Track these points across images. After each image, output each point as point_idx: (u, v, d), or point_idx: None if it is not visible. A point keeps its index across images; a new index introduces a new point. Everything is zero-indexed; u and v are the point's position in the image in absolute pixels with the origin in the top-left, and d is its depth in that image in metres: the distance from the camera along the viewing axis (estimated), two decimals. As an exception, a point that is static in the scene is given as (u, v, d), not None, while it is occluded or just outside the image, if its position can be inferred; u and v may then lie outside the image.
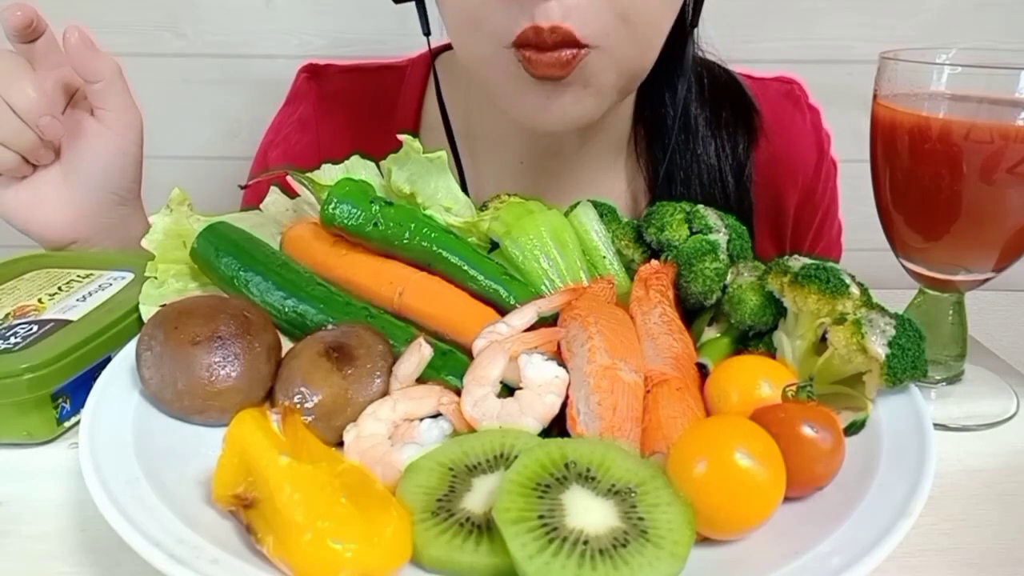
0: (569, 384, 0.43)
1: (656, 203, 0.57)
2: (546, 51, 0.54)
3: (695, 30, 0.69)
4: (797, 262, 0.48)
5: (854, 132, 0.73)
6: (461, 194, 0.59)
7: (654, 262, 0.54)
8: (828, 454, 0.39)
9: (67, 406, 0.50)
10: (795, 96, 0.82)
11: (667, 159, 0.73)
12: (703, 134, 0.74)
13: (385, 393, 0.46)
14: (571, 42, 0.54)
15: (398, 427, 0.44)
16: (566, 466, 0.37)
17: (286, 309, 0.51)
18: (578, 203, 0.59)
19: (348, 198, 0.54)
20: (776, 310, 0.49)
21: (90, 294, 0.56)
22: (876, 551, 0.34)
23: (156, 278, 0.56)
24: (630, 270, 0.57)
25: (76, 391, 0.50)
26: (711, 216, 0.55)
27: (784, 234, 0.82)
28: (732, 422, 0.39)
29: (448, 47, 0.79)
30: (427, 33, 0.68)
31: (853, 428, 0.44)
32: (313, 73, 0.84)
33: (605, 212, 0.58)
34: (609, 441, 0.40)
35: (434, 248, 0.53)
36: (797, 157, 0.80)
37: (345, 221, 0.54)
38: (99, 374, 0.47)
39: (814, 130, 0.82)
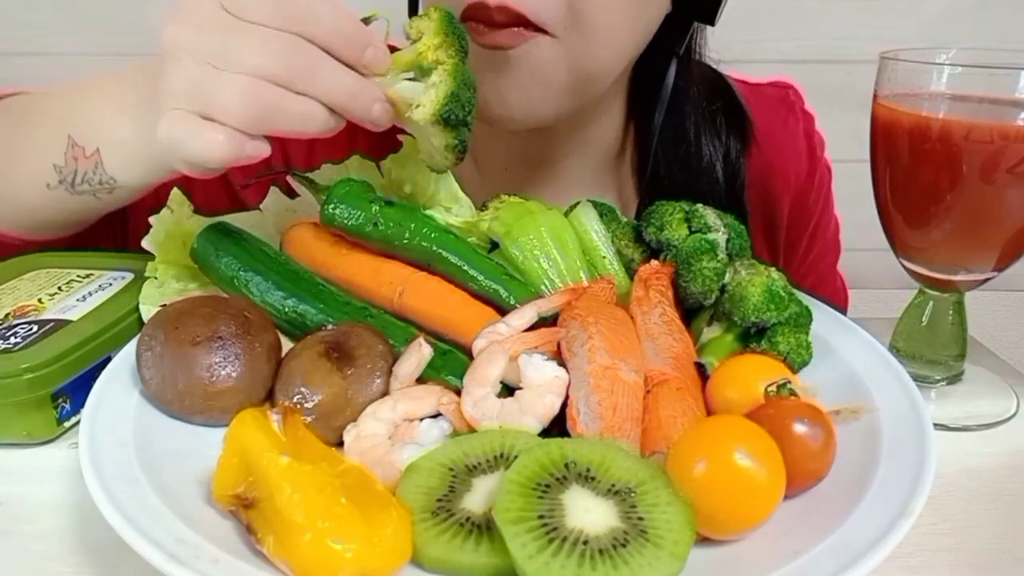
0: (569, 384, 0.43)
1: (656, 202, 0.57)
2: (495, 28, 0.55)
3: (696, 50, 0.69)
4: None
5: (854, 132, 0.73)
6: (461, 194, 0.59)
7: (654, 262, 0.54)
8: (821, 449, 0.40)
9: (67, 406, 0.50)
10: (789, 102, 0.82)
11: (649, 170, 0.72)
12: (695, 143, 0.73)
13: (385, 393, 0.46)
14: (522, 22, 0.54)
15: (398, 427, 0.44)
16: (566, 466, 0.37)
17: (286, 309, 0.51)
18: (578, 203, 0.59)
19: (348, 198, 0.54)
20: (780, 304, 0.49)
21: (90, 294, 0.56)
22: (876, 551, 0.34)
23: (156, 278, 0.56)
24: (630, 270, 0.57)
25: (76, 391, 0.49)
26: (710, 215, 0.55)
27: (778, 241, 0.81)
28: (732, 422, 0.39)
29: None
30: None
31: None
32: None
33: (605, 212, 0.58)
34: (609, 441, 0.40)
35: (434, 248, 0.53)
36: (789, 165, 0.80)
37: (345, 221, 0.54)
38: (99, 374, 0.47)
39: (806, 137, 0.82)
